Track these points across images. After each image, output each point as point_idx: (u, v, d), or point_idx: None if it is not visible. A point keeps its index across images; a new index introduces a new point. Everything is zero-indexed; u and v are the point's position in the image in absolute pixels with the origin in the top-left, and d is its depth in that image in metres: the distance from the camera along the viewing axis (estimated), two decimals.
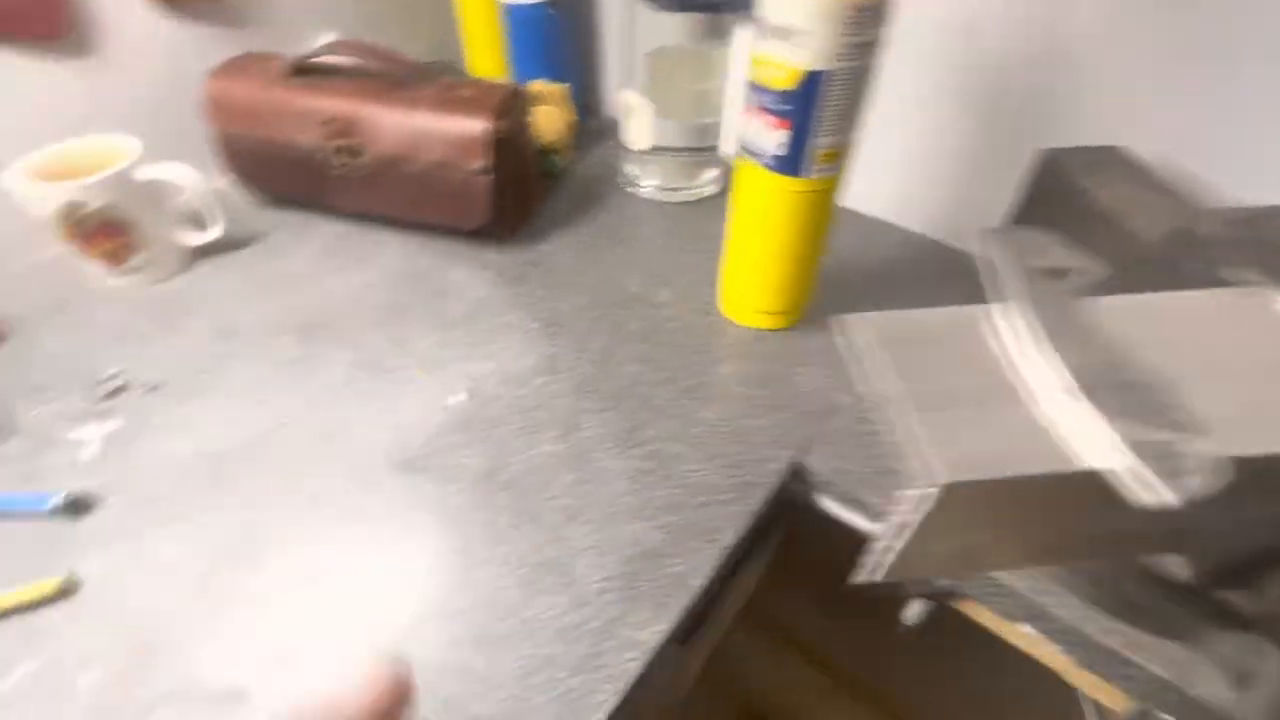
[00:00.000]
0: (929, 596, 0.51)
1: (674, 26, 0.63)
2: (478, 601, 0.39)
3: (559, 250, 0.65)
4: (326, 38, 0.75)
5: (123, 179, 0.55)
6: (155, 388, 0.51)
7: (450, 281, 0.61)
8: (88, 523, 0.43)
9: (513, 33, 0.76)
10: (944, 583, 0.48)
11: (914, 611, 0.54)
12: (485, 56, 0.81)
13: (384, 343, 0.55)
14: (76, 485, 0.44)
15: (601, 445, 0.48)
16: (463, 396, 0.51)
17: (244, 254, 0.64)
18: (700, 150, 0.71)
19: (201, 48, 0.67)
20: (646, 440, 0.48)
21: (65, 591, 0.39)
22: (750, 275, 0.55)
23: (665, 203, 0.73)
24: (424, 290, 0.60)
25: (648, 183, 0.73)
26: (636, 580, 0.40)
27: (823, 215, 0.50)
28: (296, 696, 0.24)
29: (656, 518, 0.44)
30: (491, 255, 0.65)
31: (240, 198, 0.69)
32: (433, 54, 0.85)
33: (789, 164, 0.45)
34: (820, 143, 0.44)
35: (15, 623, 0.38)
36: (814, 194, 0.47)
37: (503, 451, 0.47)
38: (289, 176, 0.65)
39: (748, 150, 0.48)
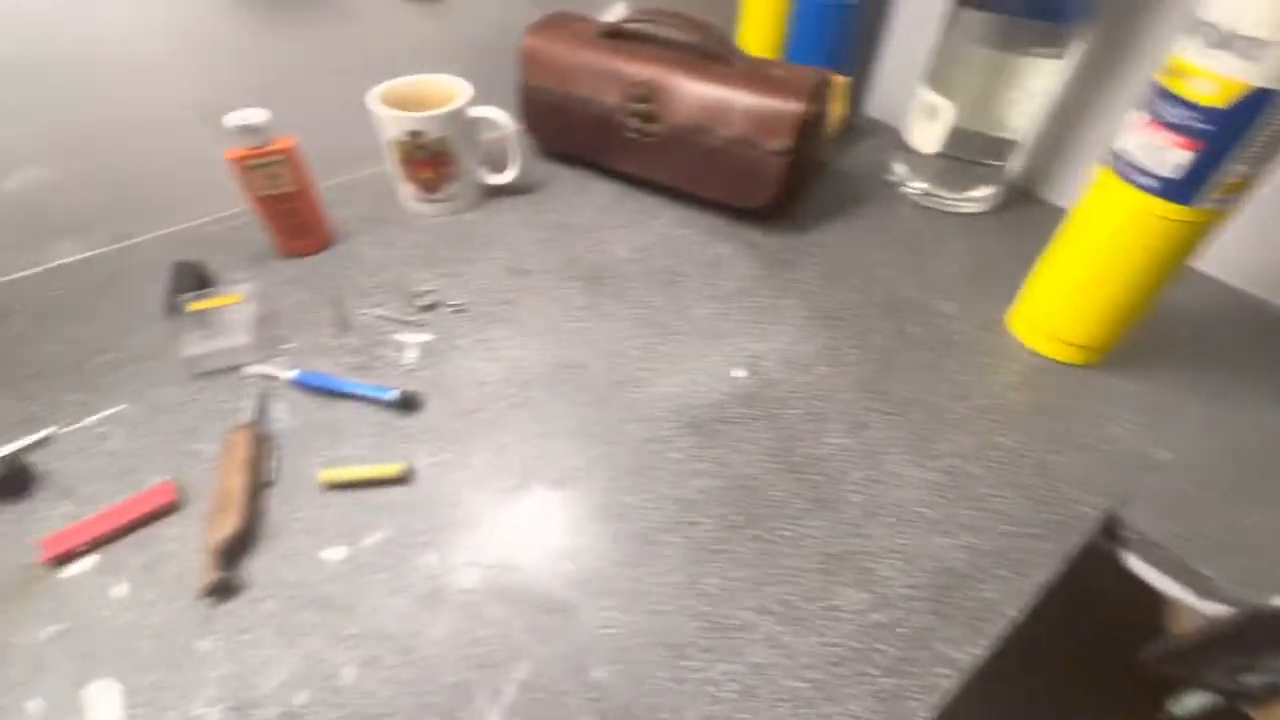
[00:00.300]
0: (1230, 694, 0.45)
1: (992, 30, 0.60)
2: (779, 577, 0.39)
3: (828, 241, 0.64)
4: (618, 6, 0.78)
5: (458, 116, 0.60)
6: (461, 309, 0.55)
7: (720, 256, 0.62)
8: (416, 419, 0.47)
9: (801, 18, 0.75)
10: (1258, 681, 0.42)
11: (1192, 703, 0.48)
12: (759, 36, 0.81)
13: (664, 304, 0.57)
14: (404, 384, 0.49)
15: (892, 448, 0.46)
16: (743, 372, 0.51)
17: (526, 200, 0.68)
18: (987, 165, 0.67)
19: (524, 4, 0.72)
20: (941, 453, 0.46)
21: (404, 477, 0.44)
22: (1069, 301, 0.50)
23: (932, 209, 0.70)
24: (698, 260, 0.61)
25: (916, 185, 0.70)
26: (945, 595, 0.39)
27: (1186, 252, 0.45)
28: None
29: (958, 535, 0.42)
30: (758, 236, 0.64)
31: (524, 147, 0.73)
32: None
33: (1180, 190, 0.41)
34: (1232, 171, 0.39)
35: (369, 494, 0.43)
36: (1193, 226, 0.43)
37: (790, 434, 0.47)
38: (581, 133, 0.68)
39: (1126, 166, 0.43)
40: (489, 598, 0.38)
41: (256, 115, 0.51)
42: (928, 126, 0.65)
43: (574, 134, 0.68)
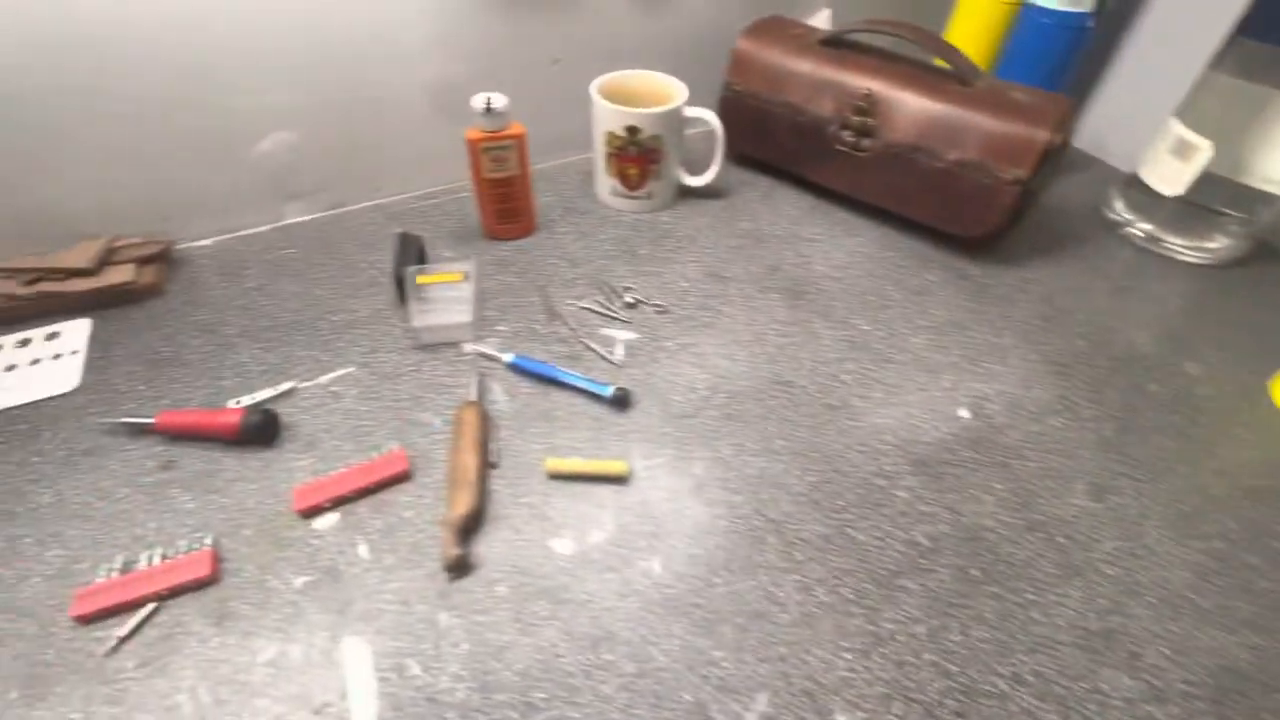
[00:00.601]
0: None
1: (1273, 65, 0.54)
2: (1031, 645, 0.36)
3: (1044, 279, 0.60)
4: (824, 12, 0.76)
5: (674, 115, 0.59)
6: (663, 310, 0.55)
7: (927, 283, 0.59)
8: (629, 418, 0.47)
9: (1022, 35, 0.70)
10: None
11: None
12: (967, 50, 0.77)
13: (871, 329, 0.54)
14: (612, 380, 0.48)
15: (1147, 520, 0.42)
16: (966, 412, 0.48)
17: (717, 204, 0.67)
18: (1228, 214, 0.60)
19: (733, 5, 0.71)
20: (1206, 534, 0.41)
21: (623, 476, 0.43)
22: None
23: (1155, 254, 0.64)
24: (904, 286, 0.58)
25: (1141, 227, 0.64)
26: (1229, 699, 0.34)
27: None
28: None
29: (1237, 632, 0.37)
30: (966, 266, 0.61)
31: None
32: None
33: None
34: None
35: (588, 489, 0.43)
36: None
37: (1027, 489, 0.43)
38: (783, 141, 0.66)
39: None
40: (722, 617, 0.37)
41: (500, 100, 0.52)
42: (1176, 166, 0.59)
43: (775, 141, 0.66)
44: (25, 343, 0.49)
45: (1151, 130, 0.66)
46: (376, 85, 0.59)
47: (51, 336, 0.50)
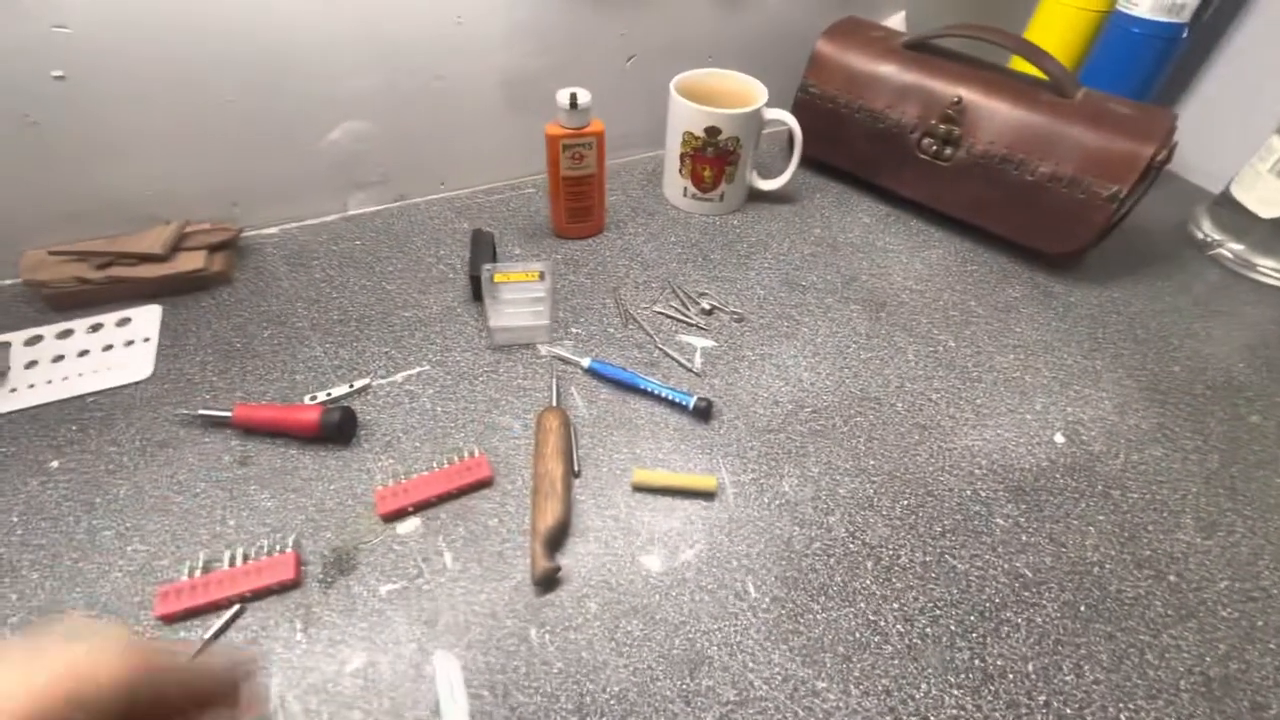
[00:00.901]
0: None
1: None
2: (1149, 691, 0.34)
3: (1132, 300, 0.57)
4: (898, 14, 0.74)
5: (755, 117, 0.57)
6: (740, 319, 0.53)
7: (1011, 299, 0.57)
8: (713, 430, 0.45)
9: (1110, 45, 0.68)
10: None
11: None
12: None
13: (956, 345, 0.52)
14: (692, 389, 0.47)
15: (1261, 559, 0.40)
16: (1061, 438, 0.46)
17: (788, 209, 0.65)
18: None
19: (811, 4, 0.69)
20: None
21: (711, 492, 0.42)
22: None
23: (1245, 277, 0.61)
24: (986, 301, 0.56)
25: (1232, 249, 0.62)
26: None
27: None
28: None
29: None
30: (1050, 282, 0.59)
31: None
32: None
33: None
34: None
35: (675, 503, 0.41)
36: None
37: (1133, 522, 0.41)
38: (860, 146, 0.64)
39: None
40: (822, 645, 0.35)
41: (584, 96, 0.50)
42: (1276, 186, 0.57)
43: (851, 146, 0.64)
44: (97, 328, 0.48)
45: (1240, 148, 0.63)
46: (448, 75, 0.58)
47: (123, 322, 0.49)
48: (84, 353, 0.47)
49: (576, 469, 0.42)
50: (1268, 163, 0.58)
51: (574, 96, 0.50)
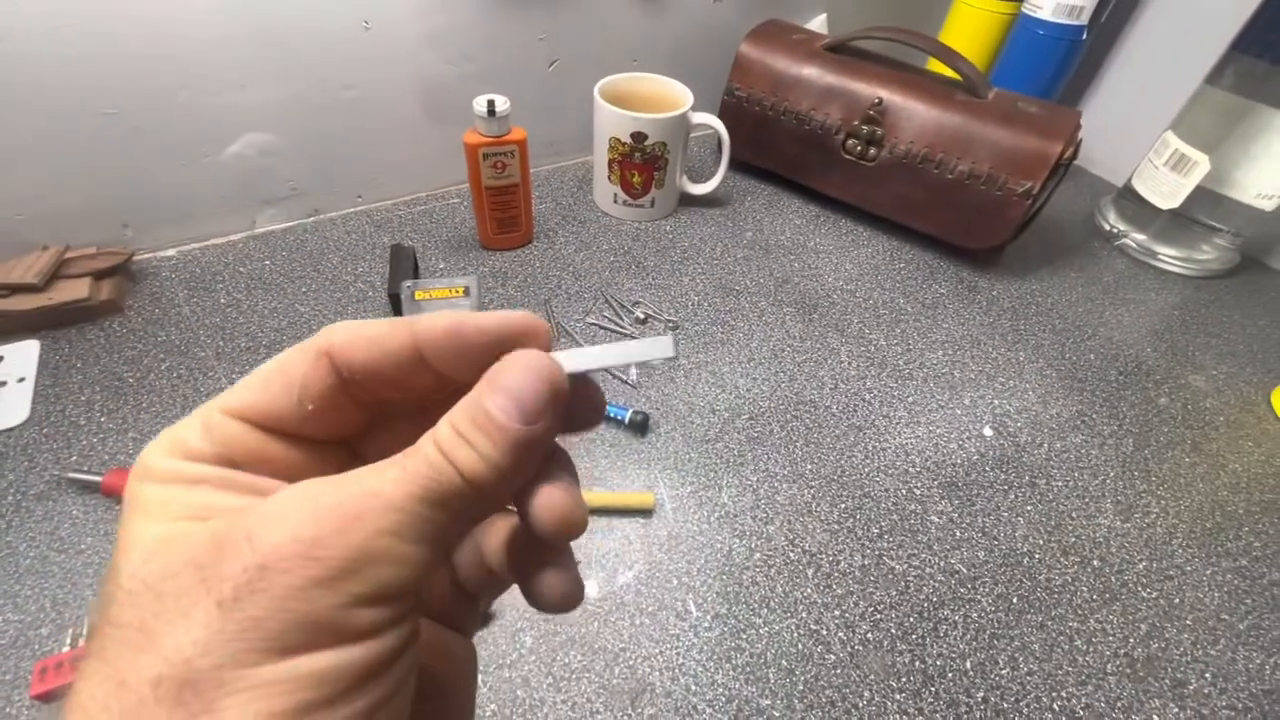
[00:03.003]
0: None
1: (1273, 83, 0.55)
2: (1079, 677, 0.35)
3: (1050, 291, 0.60)
4: (819, 17, 0.75)
5: (682, 121, 0.56)
6: (675, 326, 0.52)
7: (938, 295, 0.58)
8: (650, 443, 0.44)
9: (1017, 45, 0.70)
10: None
11: None
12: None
13: (887, 344, 0.53)
14: (628, 401, 0.46)
15: (1175, 538, 0.42)
16: (989, 431, 0.47)
17: (719, 212, 0.65)
18: (1216, 227, 0.62)
19: (733, 7, 0.68)
20: (1231, 552, 0.41)
21: (648, 509, 0.41)
22: None
23: (1148, 265, 0.65)
24: (915, 299, 0.57)
25: (1135, 239, 0.65)
26: None
27: None
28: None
29: (1275, 654, 0.37)
30: (974, 278, 0.60)
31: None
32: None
33: None
34: None
35: (612, 521, 0.40)
36: None
37: (1057, 510, 0.43)
38: (787, 148, 0.64)
39: None
40: (766, 660, 0.34)
41: (503, 102, 0.48)
42: (1173, 179, 0.60)
43: (778, 148, 0.65)
44: None
45: (1139, 143, 0.67)
46: (359, 84, 0.55)
47: None
48: None
49: None
50: (1163, 157, 0.61)
51: (491, 103, 0.48)
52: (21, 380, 0.43)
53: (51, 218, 0.49)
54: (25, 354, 0.45)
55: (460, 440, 0.13)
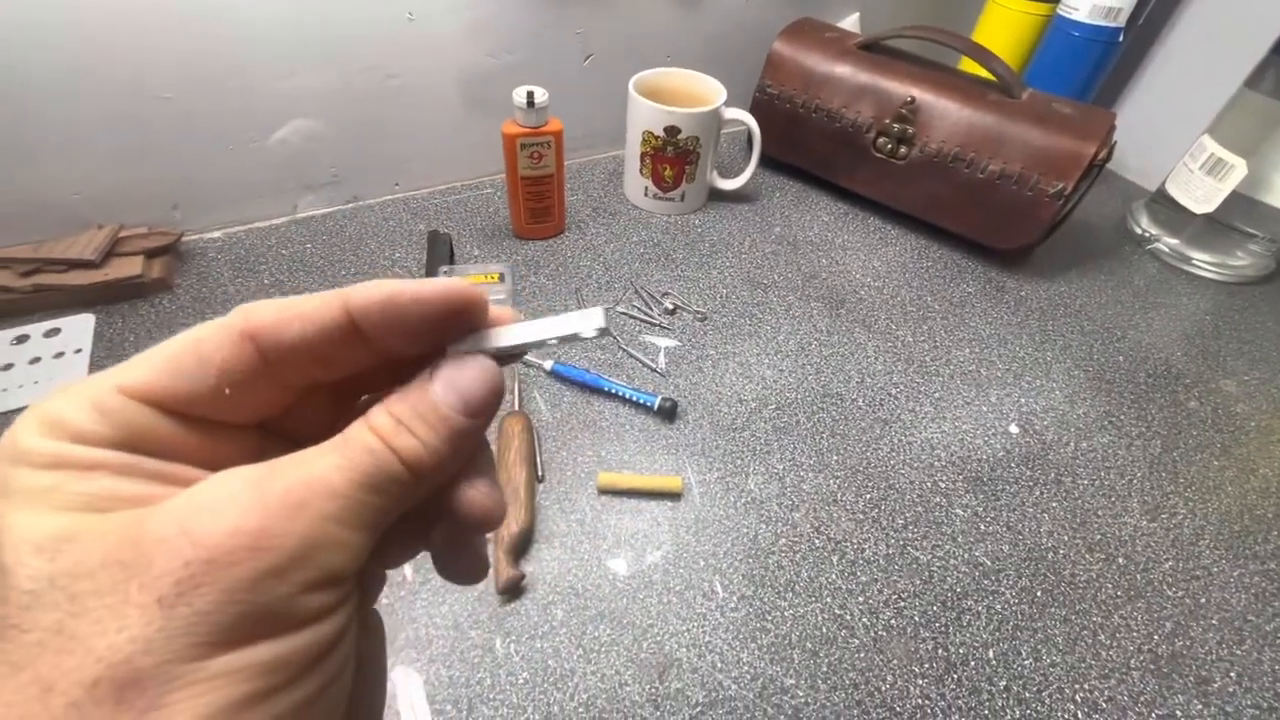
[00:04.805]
0: None
1: None
2: (1101, 670, 0.35)
3: (1079, 293, 0.60)
4: (852, 16, 0.75)
5: (715, 116, 0.57)
6: (704, 318, 0.53)
7: (965, 294, 0.58)
8: (678, 430, 0.45)
9: (1051, 47, 0.70)
10: None
11: None
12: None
13: (914, 340, 0.53)
14: (656, 389, 0.46)
15: (1202, 539, 0.42)
16: (1015, 428, 0.47)
17: (748, 208, 0.65)
18: (1252, 234, 0.61)
19: (766, 5, 0.69)
20: (1261, 555, 0.41)
21: (677, 493, 0.41)
22: None
23: (1180, 270, 0.64)
24: (942, 297, 0.57)
25: (1168, 243, 0.65)
26: None
27: None
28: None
29: None
30: (1002, 278, 0.60)
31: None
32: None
33: None
34: None
35: (641, 504, 0.41)
36: None
37: (1083, 507, 0.43)
38: (817, 146, 0.65)
39: None
40: (790, 642, 0.35)
41: (542, 94, 0.49)
42: (1209, 184, 0.60)
43: (808, 145, 0.65)
44: (22, 339, 0.45)
45: (1173, 148, 0.66)
46: (402, 73, 0.56)
47: (51, 333, 0.46)
48: (8, 366, 0.44)
49: (540, 474, 0.42)
50: (1199, 161, 0.61)
51: (531, 95, 0.49)
52: (79, 351, 0.45)
53: (106, 198, 0.51)
54: (82, 327, 0.47)
55: (402, 429, 0.13)
